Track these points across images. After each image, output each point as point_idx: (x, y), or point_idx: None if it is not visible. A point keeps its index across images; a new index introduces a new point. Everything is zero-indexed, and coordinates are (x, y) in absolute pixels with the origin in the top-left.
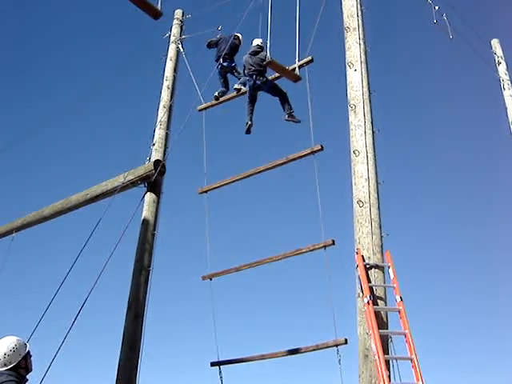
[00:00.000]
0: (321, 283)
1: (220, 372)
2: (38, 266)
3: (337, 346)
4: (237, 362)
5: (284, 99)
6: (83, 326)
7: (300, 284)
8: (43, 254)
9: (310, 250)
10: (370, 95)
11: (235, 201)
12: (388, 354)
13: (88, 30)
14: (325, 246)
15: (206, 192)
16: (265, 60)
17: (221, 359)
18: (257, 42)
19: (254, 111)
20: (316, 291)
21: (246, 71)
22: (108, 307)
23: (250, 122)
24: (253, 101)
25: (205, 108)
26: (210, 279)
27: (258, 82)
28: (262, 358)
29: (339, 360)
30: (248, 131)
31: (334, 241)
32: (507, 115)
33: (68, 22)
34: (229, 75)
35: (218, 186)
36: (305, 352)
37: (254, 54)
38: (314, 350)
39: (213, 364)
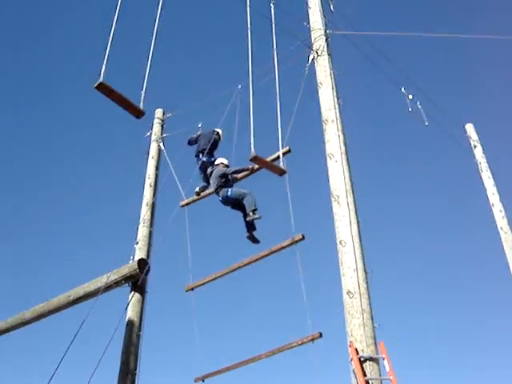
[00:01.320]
0: (311, 378)
1: None
2: (20, 371)
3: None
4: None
5: (245, 217)
6: None
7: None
8: (25, 358)
9: (299, 345)
10: (352, 186)
11: (223, 295)
12: None
13: (68, 131)
14: (313, 339)
15: (192, 289)
16: (224, 173)
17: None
18: (220, 160)
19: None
20: None
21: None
22: None
23: (247, 234)
24: (236, 208)
25: (187, 203)
26: (203, 381)
27: (222, 198)
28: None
29: None
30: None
31: (321, 333)
32: (487, 196)
33: (50, 121)
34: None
35: (204, 283)
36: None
37: (211, 170)
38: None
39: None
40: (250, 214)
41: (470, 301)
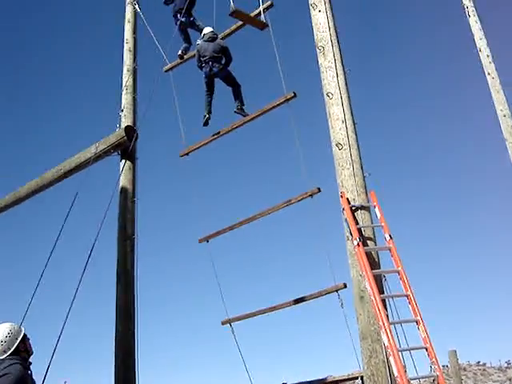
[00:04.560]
0: (311, 232)
1: (232, 329)
2: (21, 247)
3: (337, 290)
4: (247, 317)
5: (237, 91)
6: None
7: (290, 236)
8: (24, 235)
9: (298, 201)
10: (337, 36)
11: (218, 160)
12: (383, 293)
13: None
14: (311, 195)
15: (187, 154)
16: (222, 47)
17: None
18: (209, 29)
19: (211, 103)
20: (307, 241)
21: (201, 58)
22: (98, 281)
23: (207, 116)
24: (210, 90)
25: (171, 68)
26: (207, 241)
27: (214, 69)
28: (271, 309)
29: (341, 304)
30: (206, 123)
31: (319, 188)
32: (474, 41)
33: None
34: (190, 30)
35: (198, 147)
36: (309, 299)
37: (211, 40)
38: (317, 296)
39: (223, 322)
40: (239, 107)
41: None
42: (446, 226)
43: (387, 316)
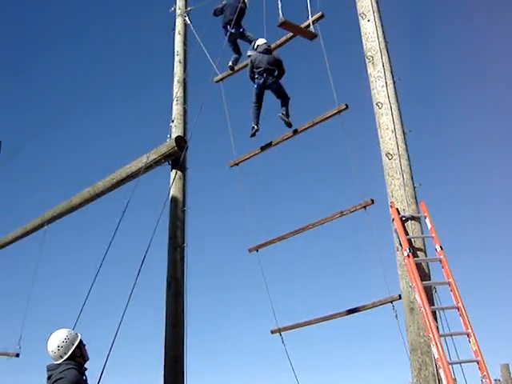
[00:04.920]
0: (362, 243)
1: (282, 339)
2: (73, 255)
3: (392, 301)
4: (297, 326)
5: (286, 102)
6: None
7: (337, 247)
8: (77, 243)
9: (351, 212)
10: (386, 45)
11: (268, 170)
12: (433, 304)
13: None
14: (365, 206)
15: (237, 164)
16: (277, 59)
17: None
18: (263, 40)
19: (260, 115)
20: (357, 252)
21: (254, 69)
22: (148, 288)
23: (256, 127)
24: (259, 102)
25: (221, 79)
26: (257, 250)
27: (268, 81)
28: (323, 320)
29: (396, 315)
30: (254, 135)
31: (373, 200)
32: None
33: (71, 10)
34: (240, 41)
35: (248, 158)
36: (363, 310)
37: (266, 52)
38: (370, 307)
39: (273, 331)
40: (284, 113)
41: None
42: (502, 234)
43: (437, 328)
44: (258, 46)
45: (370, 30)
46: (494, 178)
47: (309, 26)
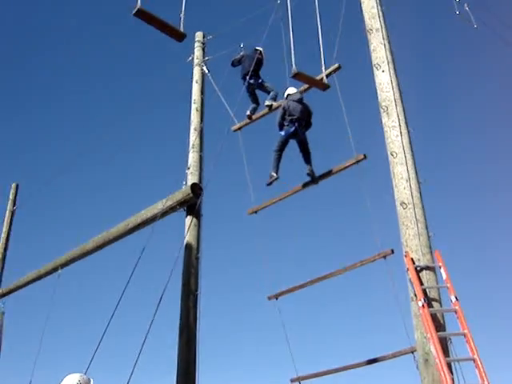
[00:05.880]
0: (376, 292)
1: None
2: (86, 300)
3: (413, 352)
4: (317, 375)
5: (309, 158)
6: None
7: (355, 295)
8: (90, 287)
9: (371, 261)
10: (401, 95)
11: (287, 217)
12: (449, 356)
13: (112, 62)
14: (385, 256)
15: (255, 212)
16: (310, 111)
17: (300, 375)
18: (295, 89)
19: (281, 163)
20: (374, 300)
21: (286, 116)
22: (161, 333)
23: (275, 176)
24: (282, 150)
25: (239, 128)
26: (276, 298)
27: (299, 130)
28: (344, 369)
29: (417, 366)
30: (270, 184)
31: (393, 250)
32: None
33: (90, 54)
34: (257, 91)
35: (267, 205)
36: (382, 360)
37: (299, 101)
38: (390, 358)
39: (293, 380)
40: (311, 169)
41: None
42: None
43: (453, 380)
44: (289, 94)
45: (384, 81)
46: (508, 225)
47: (326, 75)
